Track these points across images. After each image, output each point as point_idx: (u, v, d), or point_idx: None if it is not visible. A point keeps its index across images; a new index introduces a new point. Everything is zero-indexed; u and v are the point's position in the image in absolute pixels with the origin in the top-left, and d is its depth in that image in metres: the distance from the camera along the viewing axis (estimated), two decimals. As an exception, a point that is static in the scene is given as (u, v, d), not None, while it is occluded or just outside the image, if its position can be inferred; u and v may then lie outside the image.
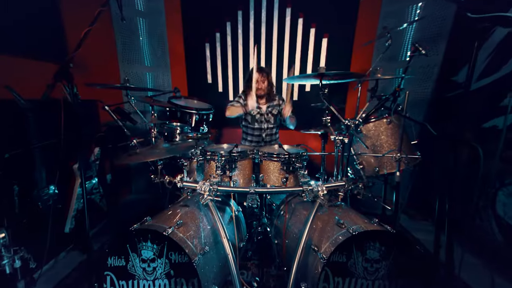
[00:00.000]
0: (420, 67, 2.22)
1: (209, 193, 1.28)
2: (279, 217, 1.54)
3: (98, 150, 2.09)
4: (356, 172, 1.78)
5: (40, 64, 1.80)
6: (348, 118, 1.40)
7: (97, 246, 1.95)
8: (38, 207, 1.66)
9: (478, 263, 1.54)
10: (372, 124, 1.65)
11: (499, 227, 1.55)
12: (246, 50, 2.98)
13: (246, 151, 1.56)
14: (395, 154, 1.42)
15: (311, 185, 1.28)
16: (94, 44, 2.48)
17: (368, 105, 1.48)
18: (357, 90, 2.20)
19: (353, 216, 1.24)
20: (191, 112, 2.57)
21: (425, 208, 2.18)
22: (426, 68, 2.21)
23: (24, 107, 1.64)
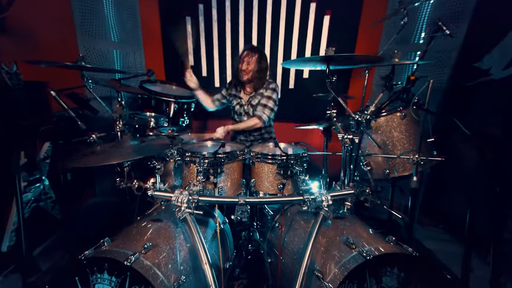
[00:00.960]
0: (435, 52, 2.08)
1: (187, 205, 1.10)
2: (274, 230, 1.39)
3: (48, 145, 1.81)
4: (362, 174, 1.65)
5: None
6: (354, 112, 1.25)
7: (46, 266, 1.71)
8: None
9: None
10: (383, 119, 1.51)
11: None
12: (235, 26, 2.72)
13: (235, 151, 1.37)
14: (412, 155, 1.29)
15: (313, 194, 1.13)
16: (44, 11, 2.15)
17: (381, 96, 1.32)
18: (363, 78, 2.04)
19: (363, 232, 1.11)
20: (169, 100, 2.33)
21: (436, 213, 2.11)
22: (441, 53, 2.08)
23: None
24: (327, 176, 1.83)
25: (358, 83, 2.66)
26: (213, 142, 1.63)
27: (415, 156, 1.26)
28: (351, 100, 2.57)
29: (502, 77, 1.68)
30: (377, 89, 2.64)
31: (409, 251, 0.96)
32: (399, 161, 1.46)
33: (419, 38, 2.22)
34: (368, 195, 1.43)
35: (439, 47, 2.06)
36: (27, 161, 1.69)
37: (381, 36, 2.53)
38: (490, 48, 1.78)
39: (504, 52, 1.69)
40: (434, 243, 1.87)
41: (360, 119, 1.18)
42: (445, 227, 2.04)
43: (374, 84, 2.65)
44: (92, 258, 0.92)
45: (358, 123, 1.18)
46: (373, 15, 2.47)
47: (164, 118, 2.20)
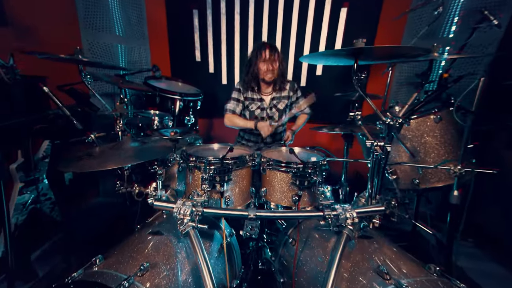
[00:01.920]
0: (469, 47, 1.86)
1: (191, 218, 0.96)
2: (286, 246, 1.24)
3: (47, 144, 1.71)
4: (386, 183, 1.47)
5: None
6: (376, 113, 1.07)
7: (45, 271, 1.61)
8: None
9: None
10: (413, 122, 1.33)
11: None
12: (244, 20, 2.56)
13: (244, 156, 1.21)
14: (453, 166, 1.10)
15: (335, 210, 0.97)
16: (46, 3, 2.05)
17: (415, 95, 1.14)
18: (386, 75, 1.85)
19: (395, 258, 0.94)
20: (174, 98, 2.19)
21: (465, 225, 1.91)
22: (475, 48, 1.86)
23: None
24: (346, 185, 1.66)
25: (377, 80, 2.46)
26: (220, 145, 1.48)
27: (457, 167, 1.07)
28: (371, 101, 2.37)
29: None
30: (398, 88, 2.43)
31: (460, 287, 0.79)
32: (432, 171, 1.28)
33: (449, 32, 2.00)
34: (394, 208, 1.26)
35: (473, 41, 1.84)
36: (24, 161, 1.58)
37: (404, 30, 2.32)
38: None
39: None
40: (464, 259, 1.67)
41: (392, 123, 1.00)
42: (476, 242, 1.83)
43: (394, 82, 2.44)
44: (80, 282, 0.79)
45: (390, 127, 1.01)
46: (396, 7, 2.26)
47: (169, 116, 2.07)
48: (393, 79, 2.43)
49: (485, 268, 1.58)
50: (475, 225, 1.76)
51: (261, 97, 1.93)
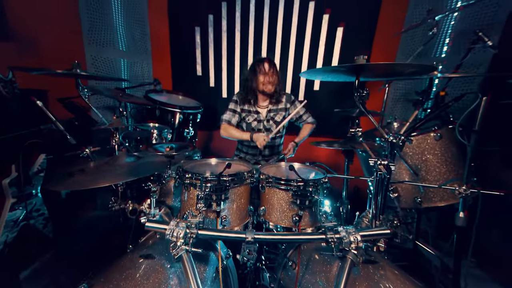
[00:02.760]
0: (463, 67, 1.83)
1: (184, 241, 0.86)
2: (286, 269, 1.12)
3: (43, 158, 1.61)
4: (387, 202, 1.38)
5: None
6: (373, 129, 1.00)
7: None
8: None
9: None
10: (414, 139, 1.26)
11: None
12: (244, 37, 2.55)
13: (242, 173, 1.12)
14: (457, 185, 1.02)
15: (339, 233, 0.88)
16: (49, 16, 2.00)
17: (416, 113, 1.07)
18: (382, 91, 1.80)
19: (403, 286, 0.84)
20: (174, 111, 2.13)
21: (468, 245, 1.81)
22: (467, 68, 1.83)
23: None
24: (348, 203, 1.56)
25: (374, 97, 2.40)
26: (218, 160, 1.40)
27: (462, 188, 0.99)
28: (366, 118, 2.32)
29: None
30: (394, 104, 2.39)
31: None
32: (435, 190, 1.19)
33: (441, 51, 1.98)
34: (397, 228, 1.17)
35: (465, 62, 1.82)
36: (17, 176, 1.48)
37: (397, 50, 2.31)
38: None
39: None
40: (469, 281, 1.55)
41: (394, 141, 0.93)
42: (478, 262, 1.72)
43: (389, 98, 2.41)
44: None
45: (393, 145, 0.93)
46: (389, 28, 2.26)
47: (168, 129, 1.99)
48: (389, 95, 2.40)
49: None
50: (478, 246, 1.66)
51: (257, 109, 1.87)
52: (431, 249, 1.34)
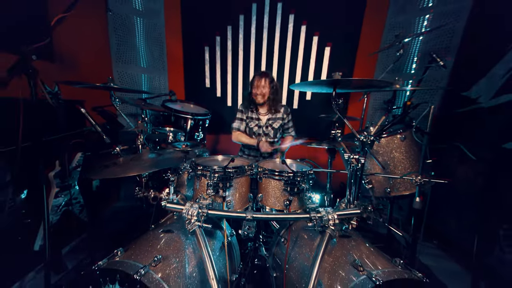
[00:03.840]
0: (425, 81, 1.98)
1: (197, 218, 1.00)
2: (279, 245, 1.25)
3: (80, 156, 1.76)
4: (363, 191, 1.51)
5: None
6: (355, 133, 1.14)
7: (73, 264, 1.62)
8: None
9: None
10: (384, 140, 1.39)
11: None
12: (246, 55, 2.72)
13: (243, 166, 1.27)
14: (415, 176, 1.16)
15: (320, 212, 1.01)
16: (85, 40, 2.19)
17: (383, 119, 1.22)
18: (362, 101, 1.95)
19: (369, 253, 0.96)
20: (186, 117, 2.27)
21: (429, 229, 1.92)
22: (432, 82, 1.98)
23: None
24: (331, 192, 1.69)
25: (357, 105, 2.57)
26: (224, 156, 1.54)
27: (417, 178, 1.13)
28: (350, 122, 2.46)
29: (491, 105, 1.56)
30: (373, 111, 2.53)
31: (419, 276, 0.82)
32: (400, 181, 1.32)
33: (411, 68, 2.14)
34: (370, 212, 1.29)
35: (430, 77, 1.97)
36: (60, 169, 1.63)
37: (375, 66, 2.47)
38: (477, 79, 1.68)
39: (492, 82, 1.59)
40: (429, 258, 1.69)
41: (365, 140, 1.07)
42: (439, 244, 1.84)
43: (370, 107, 2.55)
44: (105, 269, 0.82)
45: (363, 143, 1.07)
46: (369, 47, 2.42)
47: (181, 132, 2.14)
48: (369, 104, 2.54)
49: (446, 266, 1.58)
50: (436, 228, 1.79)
51: (258, 116, 2.02)
52: (399, 231, 1.45)
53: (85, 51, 2.10)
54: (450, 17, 1.89)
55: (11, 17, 1.48)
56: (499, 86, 1.48)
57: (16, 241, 1.41)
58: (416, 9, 2.13)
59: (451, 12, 1.89)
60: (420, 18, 2.11)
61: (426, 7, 2.07)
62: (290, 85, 1.32)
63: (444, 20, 1.92)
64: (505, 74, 1.48)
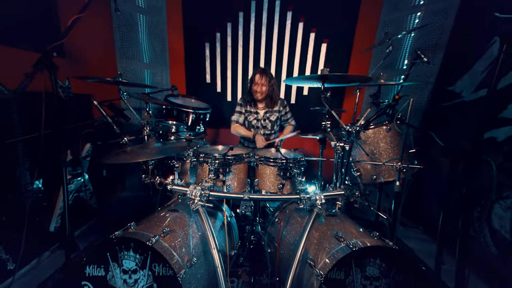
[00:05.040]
0: (416, 76, 2.10)
1: (200, 199, 1.13)
2: (273, 224, 1.40)
3: (89, 146, 1.90)
4: (352, 179, 1.65)
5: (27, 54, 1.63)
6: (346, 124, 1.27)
7: (84, 245, 1.78)
8: (20, 204, 1.48)
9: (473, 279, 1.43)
10: (371, 131, 1.52)
11: (494, 240, 1.44)
12: (246, 51, 2.83)
13: (241, 154, 1.41)
14: (395, 163, 1.29)
15: (308, 193, 1.15)
16: (91, 37, 2.31)
17: (369, 111, 1.35)
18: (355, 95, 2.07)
19: (351, 228, 1.11)
20: (188, 111, 2.40)
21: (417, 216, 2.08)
22: (422, 78, 2.10)
23: (8, 98, 1.46)
24: (322, 179, 1.83)
25: (351, 100, 2.70)
26: (223, 146, 1.67)
27: (398, 164, 1.26)
28: (344, 114, 2.59)
29: (472, 99, 1.69)
30: (367, 106, 2.65)
31: (390, 244, 0.96)
32: (385, 168, 1.46)
33: (403, 64, 2.25)
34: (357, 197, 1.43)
35: (419, 72, 2.09)
36: (72, 158, 1.78)
37: (370, 62, 2.58)
38: (461, 75, 1.80)
39: (473, 78, 1.72)
40: (414, 242, 1.84)
41: (350, 130, 1.20)
42: (424, 229, 1.99)
43: (364, 101, 2.67)
44: (120, 238, 0.96)
45: (349, 133, 1.21)
46: (363, 44, 2.53)
47: (183, 126, 2.27)
48: (363, 99, 2.66)
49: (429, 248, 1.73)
50: (421, 214, 1.93)
51: (256, 110, 2.15)
52: (384, 214, 1.60)
53: (91, 48, 2.22)
54: (439, 15, 2.00)
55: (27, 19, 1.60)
56: (479, 81, 1.61)
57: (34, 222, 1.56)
58: (409, 6, 2.23)
59: (441, 10, 2.00)
60: (412, 15, 2.22)
61: (418, 4, 2.18)
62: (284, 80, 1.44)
63: (433, 18, 2.03)
64: (484, 70, 1.60)
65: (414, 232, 2.01)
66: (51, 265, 1.59)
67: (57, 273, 1.53)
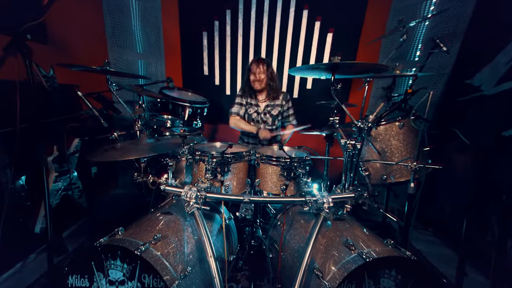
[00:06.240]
0: (429, 68, 1.99)
1: (195, 201, 1.05)
2: (276, 227, 1.32)
3: (77, 141, 1.80)
4: (360, 179, 1.56)
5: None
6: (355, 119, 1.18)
7: (73, 247, 1.70)
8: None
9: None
10: (382, 127, 1.43)
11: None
12: (246, 41, 2.70)
13: (241, 152, 1.31)
14: (410, 162, 1.20)
15: (315, 196, 1.06)
16: (79, 23, 2.17)
17: (382, 105, 1.25)
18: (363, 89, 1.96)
19: (362, 235, 1.02)
20: (184, 105, 2.29)
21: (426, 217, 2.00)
22: (436, 70, 1.99)
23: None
24: (328, 179, 1.75)
25: (357, 93, 2.58)
26: (222, 143, 1.58)
27: (413, 164, 1.17)
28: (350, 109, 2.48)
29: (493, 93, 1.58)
30: (375, 100, 2.55)
31: (407, 254, 0.88)
32: (396, 168, 1.37)
33: (415, 55, 2.13)
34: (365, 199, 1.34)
35: (434, 64, 1.98)
36: (58, 154, 1.68)
37: (379, 53, 2.46)
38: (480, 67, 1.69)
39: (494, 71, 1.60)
40: (423, 244, 1.77)
41: (362, 126, 1.10)
42: (434, 231, 1.92)
43: (372, 96, 2.57)
44: (106, 246, 0.87)
45: (360, 129, 1.11)
46: (372, 33, 2.40)
47: (179, 121, 2.17)
48: (371, 93, 2.55)
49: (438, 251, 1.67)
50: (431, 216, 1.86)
51: (257, 103, 2.05)
52: (394, 217, 1.52)
53: (79, 34, 2.09)
54: (457, 1, 1.87)
55: None
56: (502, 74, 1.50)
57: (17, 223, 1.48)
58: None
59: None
60: (426, 2, 2.09)
61: (433, -10, 2.04)
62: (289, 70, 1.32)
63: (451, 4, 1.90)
64: (509, 62, 1.49)
65: (423, 234, 1.94)
66: (36, 269, 1.51)
67: (42, 277, 1.45)
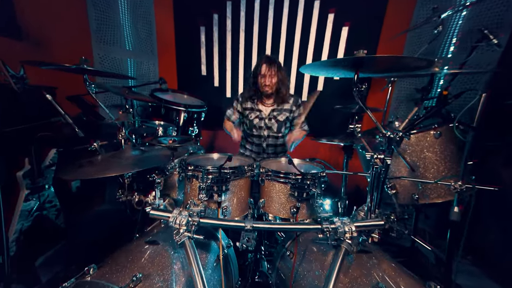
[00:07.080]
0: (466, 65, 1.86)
1: (186, 228, 0.94)
2: (284, 258, 1.19)
3: (54, 152, 1.72)
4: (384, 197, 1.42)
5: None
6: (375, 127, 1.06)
7: (47, 277, 1.59)
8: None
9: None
10: (413, 137, 1.30)
11: None
12: (248, 36, 2.63)
13: (242, 167, 1.20)
14: (454, 181, 1.06)
15: (334, 223, 0.94)
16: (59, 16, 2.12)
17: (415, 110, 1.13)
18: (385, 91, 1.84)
19: (395, 275, 0.89)
20: (179, 109, 2.21)
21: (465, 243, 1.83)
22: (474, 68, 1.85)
23: None
24: (346, 198, 1.61)
25: (377, 96, 2.46)
26: (220, 154, 1.47)
27: (457, 183, 1.04)
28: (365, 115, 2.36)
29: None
30: (398, 105, 2.42)
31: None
32: (432, 186, 1.24)
33: (447, 51, 2.00)
34: (393, 223, 1.22)
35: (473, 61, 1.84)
36: (30, 168, 1.59)
37: (403, 49, 2.35)
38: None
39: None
40: (464, 277, 1.60)
41: (392, 136, 0.98)
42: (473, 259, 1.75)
43: (394, 98, 2.44)
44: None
45: (390, 140, 0.99)
46: (396, 26, 2.30)
47: (173, 127, 2.08)
48: (393, 96, 2.43)
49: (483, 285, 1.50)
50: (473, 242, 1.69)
51: (259, 107, 1.94)
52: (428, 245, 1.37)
53: (59, 28, 2.03)
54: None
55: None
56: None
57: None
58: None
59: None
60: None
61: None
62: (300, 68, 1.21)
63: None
64: None
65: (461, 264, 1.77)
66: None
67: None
